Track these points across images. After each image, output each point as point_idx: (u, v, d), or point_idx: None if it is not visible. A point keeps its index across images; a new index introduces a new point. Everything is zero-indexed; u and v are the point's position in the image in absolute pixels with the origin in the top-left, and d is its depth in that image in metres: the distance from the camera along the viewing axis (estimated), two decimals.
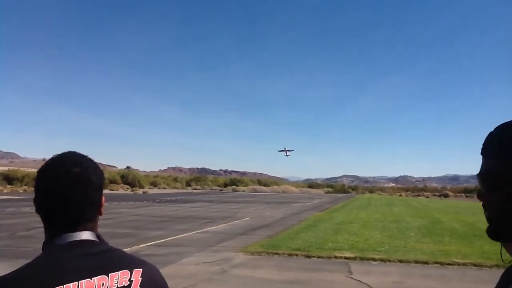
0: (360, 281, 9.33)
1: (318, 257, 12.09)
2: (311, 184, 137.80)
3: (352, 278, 9.69)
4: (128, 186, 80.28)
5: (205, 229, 18.39)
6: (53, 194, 1.34)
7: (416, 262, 11.68)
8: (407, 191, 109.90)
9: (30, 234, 15.60)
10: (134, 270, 1.36)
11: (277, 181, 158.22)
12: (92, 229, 1.38)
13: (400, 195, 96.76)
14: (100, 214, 1.44)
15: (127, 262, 1.38)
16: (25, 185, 60.81)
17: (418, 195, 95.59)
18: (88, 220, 1.37)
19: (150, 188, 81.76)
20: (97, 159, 1.49)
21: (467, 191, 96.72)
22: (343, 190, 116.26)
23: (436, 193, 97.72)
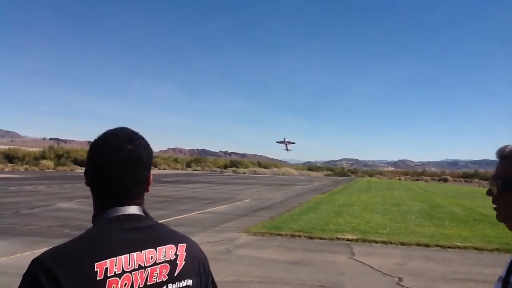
0: (363, 263, 9.46)
1: (321, 238, 12.23)
2: (311, 167, 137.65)
3: (354, 259, 9.82)
4: None
5: (207, 210, 18.52)
6: (104, 169, 1.37)
7: (418, 244, 11.82)
8: (407, 175, 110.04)
9: (33, 212, 15.72)
10: (179, 244, 1.41)
11: (277, 163, 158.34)
12: (139, 204, 1.42)
13: (399, 179, 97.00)
14: (147, 191, 1.48)
15: (172, 236, 1.43)
16: (26, 164, 60.86)
17: (417, 179, 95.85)
18: (135, 196, 1.41)
19: (150, 171, 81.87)
20: None
21: (466, 176, 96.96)
22: (342, 173, 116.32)
23: (435, 178, 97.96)
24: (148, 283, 1.30)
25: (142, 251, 1.31)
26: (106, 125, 1.47)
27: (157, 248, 1.35)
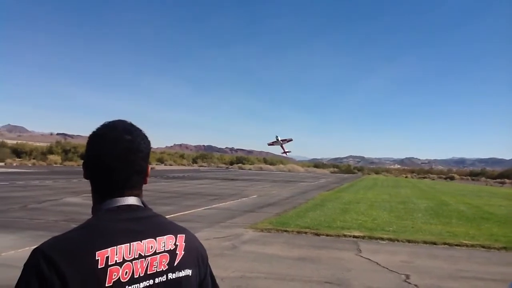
0: (369, 259, 9.44)
1: (327, 235, 12.21)
2: (317, 164, 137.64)
3: (361, 256, 9.80)
4: None
5: (213, 206, 18.55)
6: (103, 160, 1.39)
7: (425, 242, 11.77)
8: (413, 173, 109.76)
9: (41, 207, 15.82)
10: (178, 235, 1.43)
11: (283, 160, 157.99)
12: (138, 195, 1.44)
13: (406, 177, 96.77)
14: (145, 182, 1.49)
15: (171, 227, 1.44)
16: (33, 158, 61.32)
17: (424, 177, 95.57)
18: (134, 187, 1.43)
19: (157, 164, 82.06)
20: None
21: (473, 174, 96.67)
22: (348, 170, 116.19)
23: (442, 176, 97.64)
24: (148, 272, 1.32)
25: (142, 241, 1.33)
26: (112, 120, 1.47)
27: (157, 238, 1.36)
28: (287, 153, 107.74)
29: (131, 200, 1.40)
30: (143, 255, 1.31)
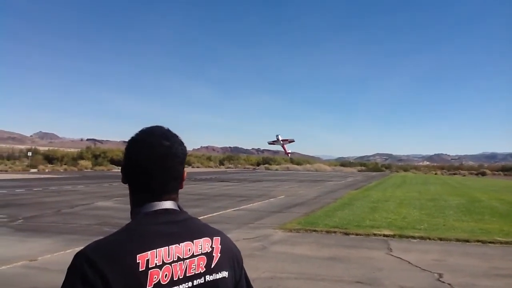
0: (401, 258, 9.33)
1: (357, 234, 12.12)
2: (344, 163, 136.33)
3: (392, 255, 9.69)
4: None
5: (241, 207, 18.64)
6: (142, 165, 1.43)
7: (457, 240, 11.55)
8: (443, 169, 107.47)
9: (74, 211, 16.20)
10: (214, 237, 1.46)
11: (309, 159, 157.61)
12: (175, 199, 1.48)
13: (435, 174, 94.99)
14: (181, 187, 1.53)
15: (207, 230, 1.48)
16: (64, 164, 62.82)
17: (454, 174, 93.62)
18: (171, 191, 1.48)
19: (184, 167, 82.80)
20: None
21: (505, 169, 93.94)
22: (376, 168, 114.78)
23: (473, 171, 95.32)
24: (187, 275, 1.35)
25: (180, 244, 1.36)
26: (140, 124, 1.52)
27: (194, 241, 1.40)
28: (289, 154, 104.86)
29: (168, 204, 1.44)
30: (181, 257, 1.35)
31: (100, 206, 17.93)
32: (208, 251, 1.41)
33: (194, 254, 1.38)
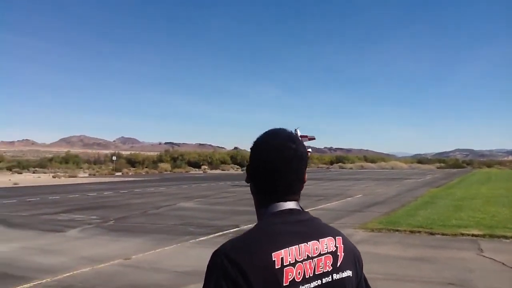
0: (493, 259, 8.87)
1: (443, 234, 11.66)
2: (421, 160, 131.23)
3: (483, 256, 9.24)
4: (238, 166, 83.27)
5: (319, 206, 18.59)
6: (270, 167, 1.48)
7: None
8: None
9: (159, 212, 17.01)
10: (337, 237, 1.49)
11: (384, 157, 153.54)
12: (297, 200, 1.53)
13: None
14: (302, 188, 1.57)
15: (329, 230, 1.51)
16: (146, 167, 66.11)
17: None
18: (295, 192, 1.52)
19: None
20: (206, 141, 1.62)
21: None
22: (456, 165, 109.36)
23: None
24: (316, 273, 1.39)
25: (308, 243, 1.40)
26: (212, 126, 1.57)
27: (319, 240, 1.43)
28: (309, 153, 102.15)
29: (292, 205, 1.49)
30: (310, 256, 1.39)
31: (182, 207, 18.66)
32: (333, 250, 1.44)
33: (321, 253, 1.42)
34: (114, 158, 64.05)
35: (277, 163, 1.47)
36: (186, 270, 8.04)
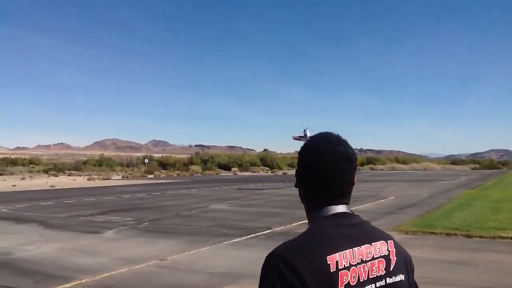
0: None
1: (480, 237, 11.39)
2: (455, 161, 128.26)
3: None
4: (267, 168, 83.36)
5: (352, 208, 18.07)
6: (322, 170, 1.48)
7: None
8: None
9: (192, 214, 17.22)
10: (388, 241, 1.48)
11: (416, 158, 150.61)
12: (347, 204, 1.53)
13: None
14: (351, 191, 1.56)
15: (381, 233, 1.51)
16: (177, 169, 67.00)
17: None
18: (346, 196, 1.52)
19: (288, 170, 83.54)
20: (235, 143, 1.62)
21: None
22: (492, 165, 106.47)
23: None
24: (370, 276, 1.39)
25: (361, 246, 1.40)
26: (243, 128, 1.57)
27: (372, 243, 1.43)
28: None
29: (343, 208, 1.49)
30: (364, 259, 1.40)
31: (215, 209, 18.82)
32: (386, 254, 1.44)
33: (374, 256, 1.42)
34: (146, 160, 65.30)
35: (328, 167, 1.47)
36: (221, 271, 8.13)
